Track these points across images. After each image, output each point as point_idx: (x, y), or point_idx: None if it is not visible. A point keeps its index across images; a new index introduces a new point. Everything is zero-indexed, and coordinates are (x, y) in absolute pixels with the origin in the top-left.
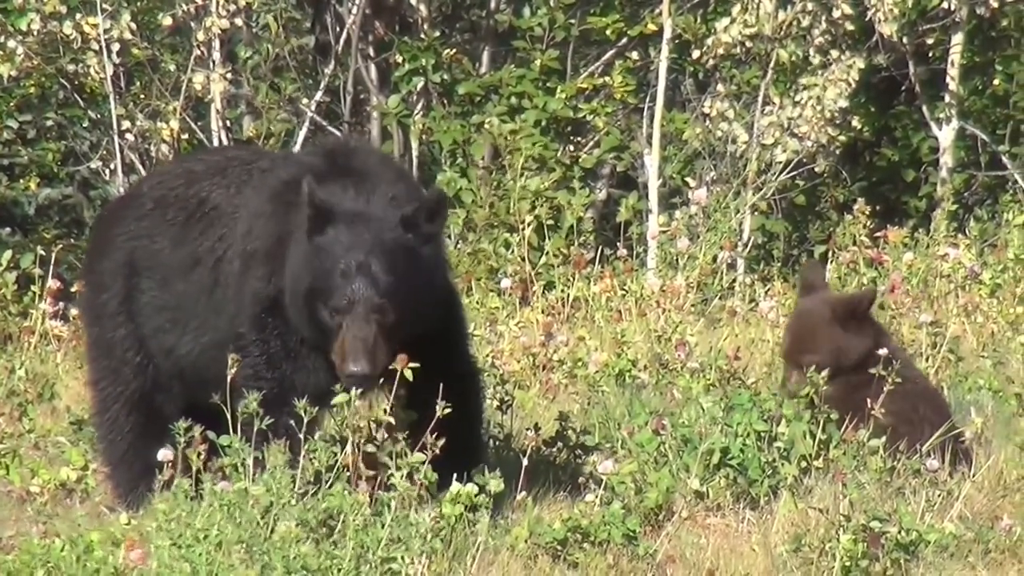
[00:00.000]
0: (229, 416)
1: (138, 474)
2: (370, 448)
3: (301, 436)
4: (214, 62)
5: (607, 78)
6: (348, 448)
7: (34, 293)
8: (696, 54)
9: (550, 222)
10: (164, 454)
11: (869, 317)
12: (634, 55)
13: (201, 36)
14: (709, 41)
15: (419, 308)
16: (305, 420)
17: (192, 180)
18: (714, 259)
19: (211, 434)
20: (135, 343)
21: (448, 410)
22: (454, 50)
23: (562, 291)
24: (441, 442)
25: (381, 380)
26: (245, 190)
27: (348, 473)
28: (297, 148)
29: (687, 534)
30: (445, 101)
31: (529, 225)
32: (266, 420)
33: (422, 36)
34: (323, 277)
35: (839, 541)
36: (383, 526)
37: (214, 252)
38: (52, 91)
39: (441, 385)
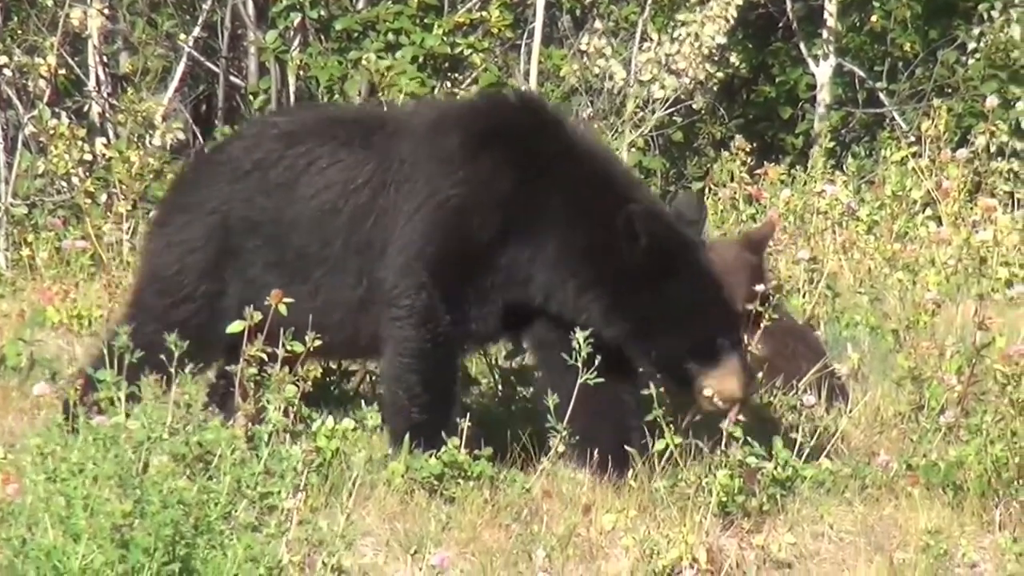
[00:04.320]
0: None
1: None
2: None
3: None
4: None
5: (484, 13)
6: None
7: None
8: None
9: None
10: (41, 387)
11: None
12: None
13: None
14: None
15: None
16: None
17: (293, 141)
18: None
19: (90, 371)
20: (214, 297)
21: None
22: None
23: None
24: (313, 373)
25: None
26: (393, 142)
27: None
28: (175, 84)
29: (563, 469)
30: (322, 37)
31: None
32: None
33: None
34: (714, 306)
35: (715, 477)
36: (259, 460)
37: (349, 200)
38: None
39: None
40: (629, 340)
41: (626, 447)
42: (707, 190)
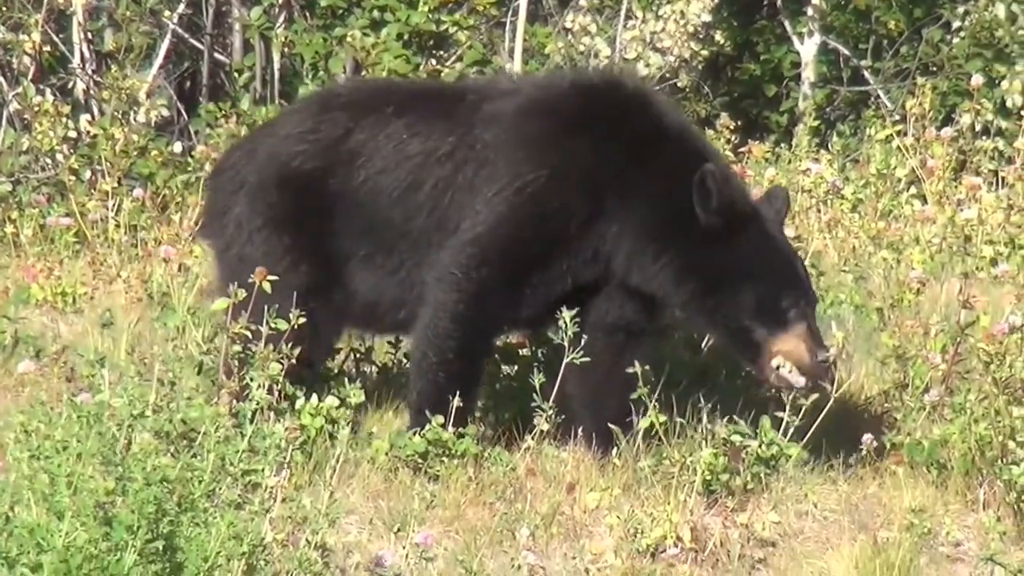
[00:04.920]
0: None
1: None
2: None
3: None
4: None
5: None
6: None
7: None
8: None
9: None
10: (26, 365)
11: None
12: None
13: None
14: None
15: None
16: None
17: (364, 111)
18: None
19: None
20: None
21: None
22: None
23: None
24: (297, 351)
25: None
26: (477, 120)
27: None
28: (159, 61)
29: (548, 448)
30: (307, 14)
31: None
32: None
33: None
34: (782, 269)
35: (700, 455)
36: (243, 437)
37: (432, 172)
38: None
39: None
40: (698, 302)
41: (611, 425)
42: None
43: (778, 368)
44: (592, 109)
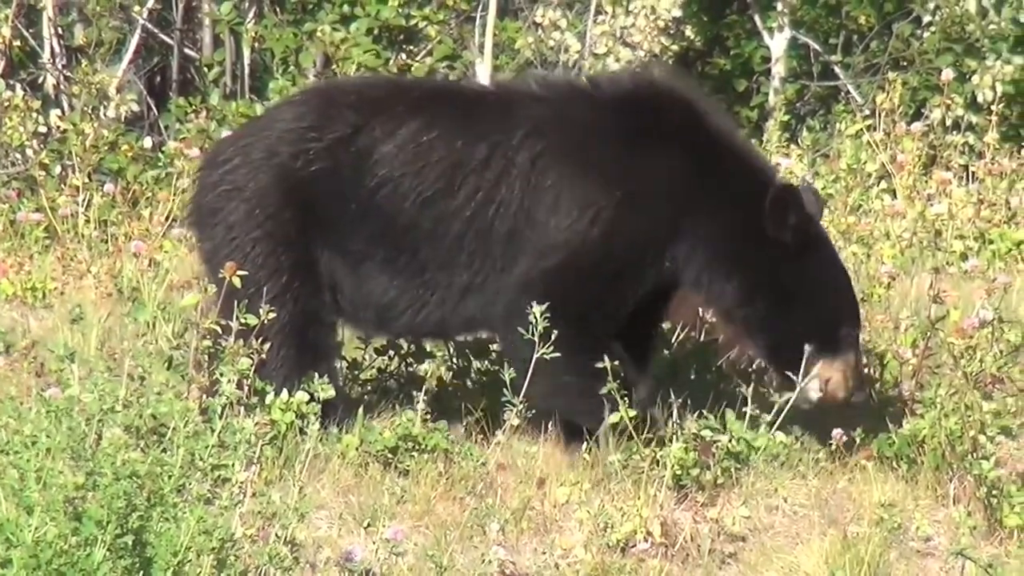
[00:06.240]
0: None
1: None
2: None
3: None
4: None
5: None
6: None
7: None
8: None
9: None
10: None
11: None
12: None
13: None
14: None
15: None
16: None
17: (376, 111)
18: None
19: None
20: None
21: None
22: None
23: None
24: (266, 347)
25: None
26: (514, 133)
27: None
28: (129, 56)
29: (518, 443)
30: (277, 8)
31: None
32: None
33: None
34: (843, 296)
35: (670, 450)
36: (213, 432)
37: (467, 179)
38: None
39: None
40: (760, 319)
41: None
42: None
43: (817, 386)
44: (646, 125)
